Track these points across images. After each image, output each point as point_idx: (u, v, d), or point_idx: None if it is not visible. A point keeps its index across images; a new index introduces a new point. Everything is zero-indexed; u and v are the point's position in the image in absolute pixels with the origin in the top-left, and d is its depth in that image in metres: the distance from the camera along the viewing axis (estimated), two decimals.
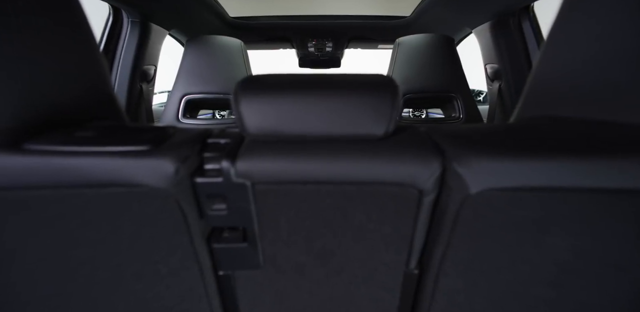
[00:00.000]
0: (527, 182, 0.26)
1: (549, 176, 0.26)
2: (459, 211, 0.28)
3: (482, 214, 0.28)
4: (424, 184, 0.30)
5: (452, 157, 0.28)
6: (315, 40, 1.45)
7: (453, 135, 0.32)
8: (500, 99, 0.99)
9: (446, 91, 0.93)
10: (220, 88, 0.94)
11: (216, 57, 0.95)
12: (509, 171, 0.26)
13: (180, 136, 0.33)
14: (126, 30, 0.91)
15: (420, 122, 0.96)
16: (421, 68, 0.93)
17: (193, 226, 0.31)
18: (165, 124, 0.94)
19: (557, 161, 0.26)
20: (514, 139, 0.29)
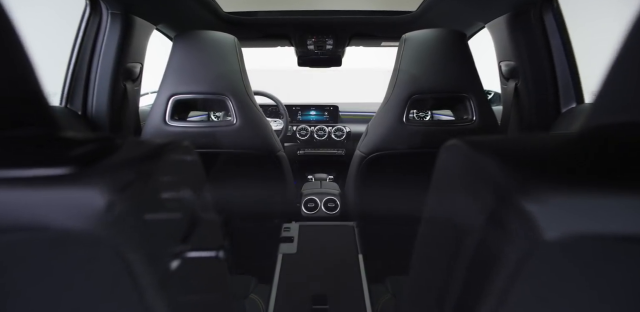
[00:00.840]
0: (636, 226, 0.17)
1: None
2: (523, 262, 0.19)
3: (561, 269, 0.19)
4: (466, 221, 0.21)
5: (512, 186, 0.19)
6: (315, 37, 1.36)
7: (506, 152, 0.23)
8: (516, 99, 0.90)
9: (457, 91, 0.84)
10: (212, 88, 0.85)
11: (207, 54, 0.86)
12: (608, 208, 0.17)
13: (128, 151, 0.24)
14: (106, 23, 0.82)
15: (427, 124, 0.87)
16: (430, 66, 0.84)
17: (142, 277, 0.22)
18: (151, 127, 0.86)
19: None
20: (602, 159, 0.21)
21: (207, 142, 0.88)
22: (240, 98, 0.87)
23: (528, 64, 0.86)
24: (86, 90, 0.85)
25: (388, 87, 0.91)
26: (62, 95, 0.83)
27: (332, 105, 1.86)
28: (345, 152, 1.84)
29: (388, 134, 0.88)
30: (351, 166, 1.04)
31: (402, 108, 0.85)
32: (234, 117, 0.86)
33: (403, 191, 0.98)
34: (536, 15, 0.83)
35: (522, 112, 0.91)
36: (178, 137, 0.87)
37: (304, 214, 1.09)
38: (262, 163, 0.94)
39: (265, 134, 0.92)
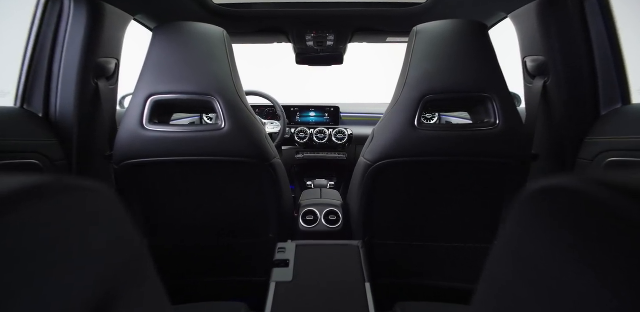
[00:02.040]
0: None
1: None
2: None
3: None
4: None
5: None
6: (314, 32, 1.25)
7: None
8: (544, 99, 0.79)
9: (478, 91, 0.73)
10: (197, 87, 0.74)
11: (191, 48, 0.75)
12: None
13: None
14: (68, 10, 0.71)
15: (442, 129, 0.76)
16: (446, 62, 0.73)
17: None
18: (127, 131, 0.74)
19: None
20: None
21: (191, 149, 0.77)
22: (230, 99, 0.76)
23: (561, 57, 0.74)
24: (48, 89, 0.74)
25: (397, 87, 0.80)
26: (16, 94, 0.72)
27: (332, 106, 1.76)
28: (347, 156, 1.74)
29: (397, 139, 0.77)
30: (355, 174, 0.92)
31: (414, 110, 0.74)
32: (222, 121, 0.76)
33: (415, 205, 0.87)
34: (575, 0, 0.71)
35: (551, 115, 0.79)
36: (157, 143, 0.75)
37: (302, 229, 0.98)
38: (254, 172, 0.83)
39: (257, 139, 0.81)
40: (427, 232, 0.90)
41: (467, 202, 0.84)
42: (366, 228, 0.91)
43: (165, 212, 0.88)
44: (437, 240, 0.90)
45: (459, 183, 0.82)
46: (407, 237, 0.91)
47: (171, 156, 0.77)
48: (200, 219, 0.91)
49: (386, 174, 0.82)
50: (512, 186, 0.79)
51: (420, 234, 0.90)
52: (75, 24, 0.73)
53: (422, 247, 0.91)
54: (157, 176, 0.83)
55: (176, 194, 0.87)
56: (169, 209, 0.88)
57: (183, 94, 0.75)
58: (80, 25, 0.73)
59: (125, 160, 0.76)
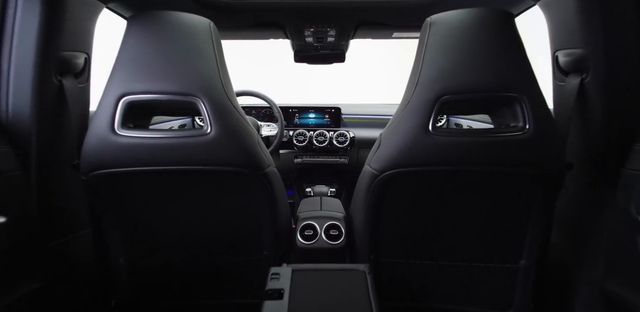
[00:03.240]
0: None
1: None
2: None
3: None
4: None
5: None
6: (314, 26, 1.15)
7: None
8: (581, 99, 0.68)
9: (504, 90, 0.63)
10: (178, 86, 0.64)
11: (172, 41, 0.65)
12: None
13: None
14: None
15: (462, 134, 0.66)
16: (465, 58, 0.63)
17: None
18: (95, 137, 0.64)
19: None
20: None
21: (172, 157, 0.67)
22: (217, 100, 0.66)
23: (605, 50, 0.64)
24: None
25: (407, 87, 0.70)
26: None
27: (333, 106, 1.67)
28: (349, 161, 1.65)
29: (409, 146, 0.67)
30: (359, 184, 0.82)
31: (428, 113, 0.64)
32: (208, 125, 0.66)
33: (428, 219, 0.78)
34: None
35: (589, 117, 0.69)
36: (131, 150, 0.65)
37: (300, 245, 0.88)
38: (245, 182, 0.73)
39: (249, 145, 0.71)
40: (442, 250, 0.80)
41: (488, 218, 0.75)
42: (372, 245, 0.81)
43: (144, 228, 0.78)
44: (452, 259, 0.80)
45: (480, 196, 0.73)
46: (418, 256, 0.81)
47: (148, 165, 0.67)
48: (185, 235, 0.81)
49: (395, 185, 0.73)
50: (542, 199, 0.69)
51: (434, 252, 0.80)
52: (27, 11, 0.62)
53: (435, 267, 0.82)
54: (133, 188, 0.72)
55: (156, 208, 0.77)
56: (148, 225, 0.78)
57: (162, 94, 0.64)
58: (33, 11, 0.62)
59: (94, 170, 0.65)
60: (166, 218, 0.78)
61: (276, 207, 0.80)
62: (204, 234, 0.81)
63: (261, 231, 0.81)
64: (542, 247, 0.73)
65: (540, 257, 0.74)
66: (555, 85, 0.77)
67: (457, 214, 0.76)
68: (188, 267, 0.84)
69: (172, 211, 0.78)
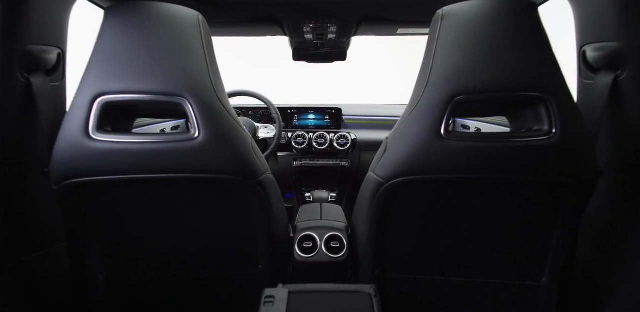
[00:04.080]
0: None
1: None
2: None
3: None
4: None
5: None
6: (313, 22, 1.08)
7: None
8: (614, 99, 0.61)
9: (526, 89, 0.56)
10: (162, 85, 0.57)
11: (155, 35, 0.58)
12: None
13: None
14: None
15: (478, 139, 0.59)
16: (482, 53, 0.56)
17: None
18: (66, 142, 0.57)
19: None
20: None
21: (155, 165, 0.60)
22: (206, 101, 0.59)
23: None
24: None
25: (416, 86, 0.64)
26: None
27: (334, 107, 1.60)
28: (350, 164, 1.58)
29: (418, 152, 0.60)
30: (362, 192, 0.75)
31: (439, 115, 0.58)
32: (196, 129, 0.59)
33: (440, 231, 0.71)
34: None
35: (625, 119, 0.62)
36: (108, 157, 0.58)
37: (298, 258, 0.81)
38: (237, 191, 0.67)
39: (241, 151, 0.64)
40: (454, 265, 0.73)
41: (506, 230, 0.68)
42: (376, 258, 0.75)
43: (126, 241, 0.71)
44: (465, 274, 0.73)
45: (497, 206, 0.66)
46: (428, 270, 0.75)
47: (128, 173, 0.60)
48: (171, 249, 0.74)
49: (403, 193, 0.66)
50: (568, 210, 0.62)
51: (445, 266, 0.74)
52: None
53: (446, 283, 0.75)
54: (113, 199, 0.66)
55: (139, 219, 0.70)
56: (130, 238, 0.71)
57: (143, 94, 0.57)
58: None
59: (66, 179, 0.58)
60: (150, 230, 0.71)
61: (272, 218, 0.73)
62: (193, 247, 0.75)
63: (256, 243, 0.74)
64: (566, 263, 0.66)
65: (564, 274, 0.67)
66: (580, 83, 0.70)
67: (471, 226, 0.69)
68: (175, 283, 0.77)
69: (157, 223, 0.71)
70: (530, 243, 0.68)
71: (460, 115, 0.90)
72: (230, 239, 0.75)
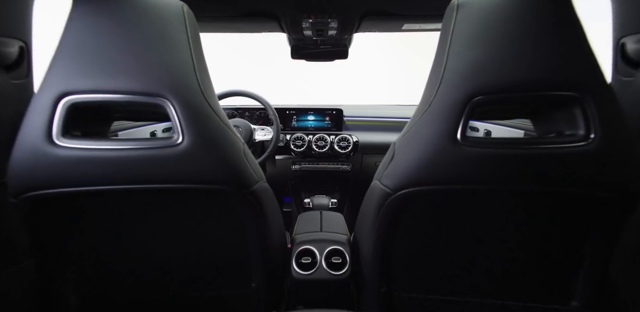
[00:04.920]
0: None
1: None
2: None
3: None
4: None
5: None
6: (313, 17, 1.01)
7: None
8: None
9: (558, 87, 0.48)
10: (139, 84, 0.50)
11: (132, 27, 0.51)
12: None
13: None
14: None
15: (500, 145, 0.51)
16: (505, 47, 0.49)
17: None
18: (25, 149, 0.50)
19: None
20: None
21: (131, 175, 0.53)
22: (191, 101, 0.52)
23: None
24: None
25: (427, 86, 0.56)
26: None
27: (334, 108, 1.53)
28: (352, 168, 1.51)
29: (431, 159, 0.53)
30: (366, 202, 0.68)
31: (455, 118, 0.50)
32: (179, 134, 0.51)
33: (453, 247, 0.64)
34: None
35: None
36: (75, 166, 0.50)
37: (296, 275, 0.73)
38: (228, 203, 0.60)
39: (232, 158, 0.57)
40: (469, 284, 0.66)
41: (531, 246, 0.61)
42: (383, 275, 0.67)
43: (102, 259, 0.64)
44: (483, 295, 0.66)
45: (521, 220, 0.59)
46: (440, 290, 0.67)
47: (99, 184, 0.52)
48: (154, 266, 0.67)
49: (412, 205, 0.59)
50: (604, 226, 0.55)
51: (459, 286, 0.66)
52: None
53: (461, 305, 0.67)
54: (84, 213, 0.58)
55: (116, 235, 0.62)
56: (107, 256, 0.64)
57: (117, 94, 0.50)
58: None
59: (25, 191, 0.51)
60: (129, 246, 0.64)
61: (267, 231, 0.66)
62: (178, 265, 0.67)
63: (249, 259, 0.67)
64: (599, 285, 0.59)
65: (596, 297, 0.59)
66: (616, 81, 0.62)
67: (489, 241, 0.62)
68: (158, 305, 0.69)
69: (137, 238, 0.63)
70: (558, 261, 0.60)
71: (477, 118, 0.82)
72: (220, 254, 0.67)
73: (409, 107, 1.73)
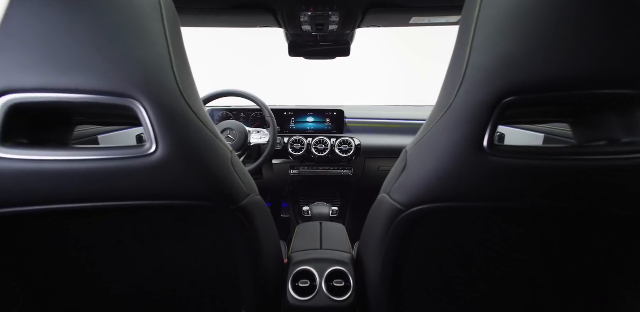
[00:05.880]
0: None
1: None
2: None
3: None
4: None
5: None
6: (312, 10, 0.92)
7: None
8: None
9: (616, 85, 0.39)
10: (100, 80, 0.41)
11: (93, 13, 0.41)
12: None
13: None
14: None
15: (535, 156, 0.42)
16: (546, 35, 0.39)
17: None
18: None
19: None
20: None
21: (91, 191, 0.44)
22: (167, 103, 0.42)
23: None
24: None
25: (445, 85, 0.47)
26: None
27: (335, 109, 1.45)
28: (354, 173, 1.43)
29: (452, 171, 0.44)
30: (373, 218, 0.59)
31: (482, 122, 0.41)
32: (152, 141, 0.42)
33: (477, 273, 0.55)
34: None
35: None
36: (20, 181, 0.41)
37: (292, 301, 0.65)
38: (213, 220, 0.52)
39: (217, 169, 0.48)
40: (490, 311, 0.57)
41: (565, 271, 0.52)
42: (392, 303, 0.59)
43: (65, 287, 0.55)
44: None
45: (557, 243, 0.50)
46: None
47: (51, 202, 0.43)
48: (127, 294, 0.58)
49: (427, 224, 0.50)
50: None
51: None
52: None
53: None
54: (38, 235, 0.49)
55: (80, 259, 0.53)
56: (70, 282, 0.55)
57: (72, 93, 0.41)
58: None
59: None
60: (97, 272, 0.55)
61: (260, 251, 0.57)
62: (156, 292, 0.58)
63: (239, 283, 0.58)
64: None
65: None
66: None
67: (515, 267, 0.53)
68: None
69: (106, 262, 0.54)
70: (596, 290, 0.52)
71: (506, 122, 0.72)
72: (205, 279, 0.59)
73: (415, 108, 1.65)
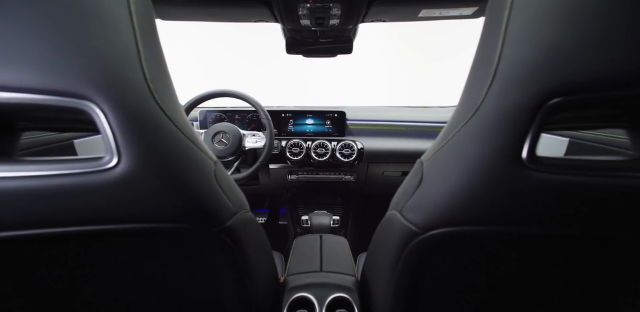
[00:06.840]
0: None
1: None
2: None
3: None
4: None
5: None
6: (310, 1, 0.84)
7: None
8: None
9: None
10: (46, 77, 0.31)
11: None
12: None
13: None
14: None
15: (590, 171, 0.33)
16: (604, 19, 0.30)
17: None
18: None
19: None
20: None
21: (45, 214, 0.36)
22: (133, 107, 0.34)
23: None
24: None
25: (470, 84, 0.38)
26: None
27: (336, 110, 1.37)
28: (356, 178, 1.35)
29: (482, 189, 0.36)
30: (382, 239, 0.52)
31: (519, 130, 0.33)
32: (113, 152, 0.34)
33: (505, 306, 0.48)
34: None
35: None
36: None
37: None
38: (193, 244, 0.44)
39: (197, 185, 0.40)
40: None
41: (604, 302, 0.44)
42: None
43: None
44: None
45: (600, 273, 0.42)
46: None
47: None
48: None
49: (448, 248, 0.42)
50: None
51: None
52: None
53: None
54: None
55: (38, 289, 0.45)
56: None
57: (8, 91, 0.32)
58: None
59: None
60: (70, 300, 0.47)
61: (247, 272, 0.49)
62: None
63: (224, 307, 0.51)
64: None
65: None
66: None
67: (550, 297, 0.45)
68: None
69: (76, 292, 0.47)
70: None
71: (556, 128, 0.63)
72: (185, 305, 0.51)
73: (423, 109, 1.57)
